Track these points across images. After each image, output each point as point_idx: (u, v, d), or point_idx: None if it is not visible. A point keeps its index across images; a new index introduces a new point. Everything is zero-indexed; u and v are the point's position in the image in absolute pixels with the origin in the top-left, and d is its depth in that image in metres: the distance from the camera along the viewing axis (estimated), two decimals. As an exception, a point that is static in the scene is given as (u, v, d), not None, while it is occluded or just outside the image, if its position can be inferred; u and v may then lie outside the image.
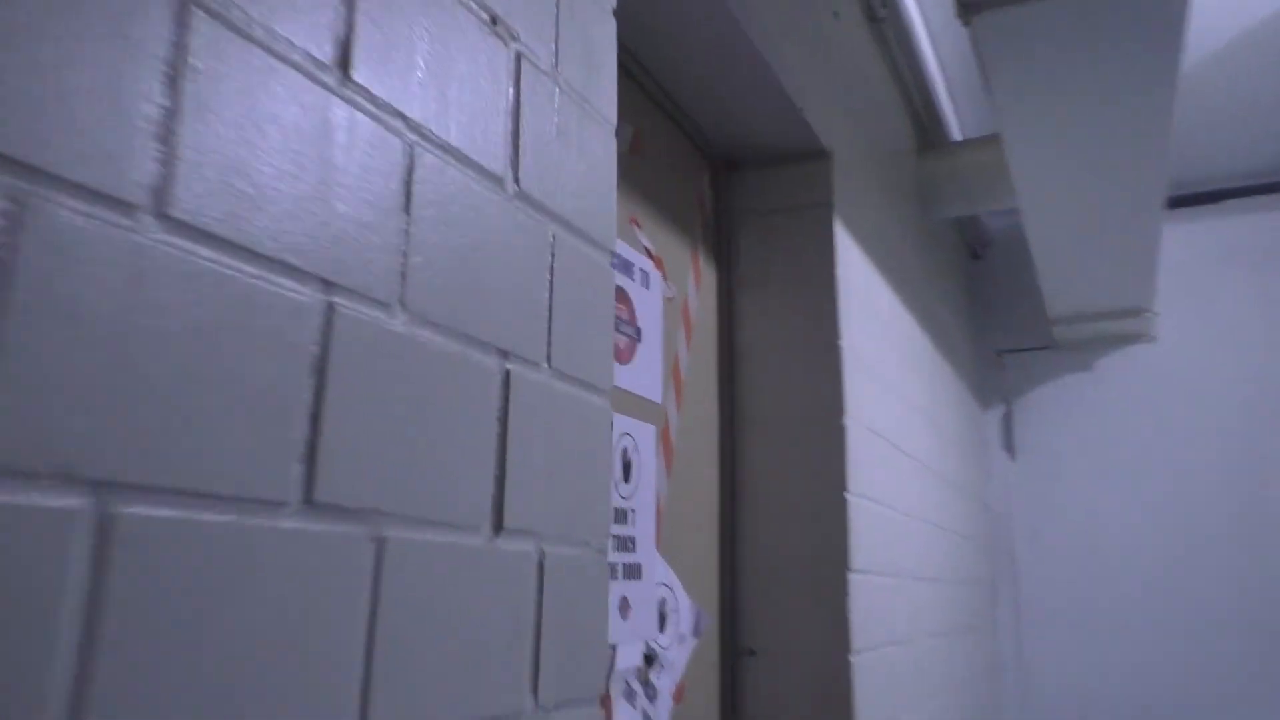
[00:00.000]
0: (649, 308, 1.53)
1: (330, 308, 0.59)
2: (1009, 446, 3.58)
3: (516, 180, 0.80)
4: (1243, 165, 3.35)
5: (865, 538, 1.77)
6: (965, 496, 3.07)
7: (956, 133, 2.91)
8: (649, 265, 1.55)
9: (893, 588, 1.97)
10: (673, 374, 1.61)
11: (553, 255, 0.84)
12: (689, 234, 1.73)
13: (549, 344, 0.82)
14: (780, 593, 1.70)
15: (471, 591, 0.69)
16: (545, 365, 0.81)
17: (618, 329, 1.42)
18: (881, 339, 2.09)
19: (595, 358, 0.89)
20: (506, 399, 0.76)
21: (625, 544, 1.37)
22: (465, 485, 0.69)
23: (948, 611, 2.58)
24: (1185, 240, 3.47)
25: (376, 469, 0.61)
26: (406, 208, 0.67)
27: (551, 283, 0.83)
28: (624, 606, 1.35)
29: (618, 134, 1.48)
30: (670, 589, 1.52)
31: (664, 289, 1.60)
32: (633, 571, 1.39)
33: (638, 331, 1.48)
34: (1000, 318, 3.72)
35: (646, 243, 1.56)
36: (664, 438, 1.54)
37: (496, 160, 0.78)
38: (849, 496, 1.69)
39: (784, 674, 1.67)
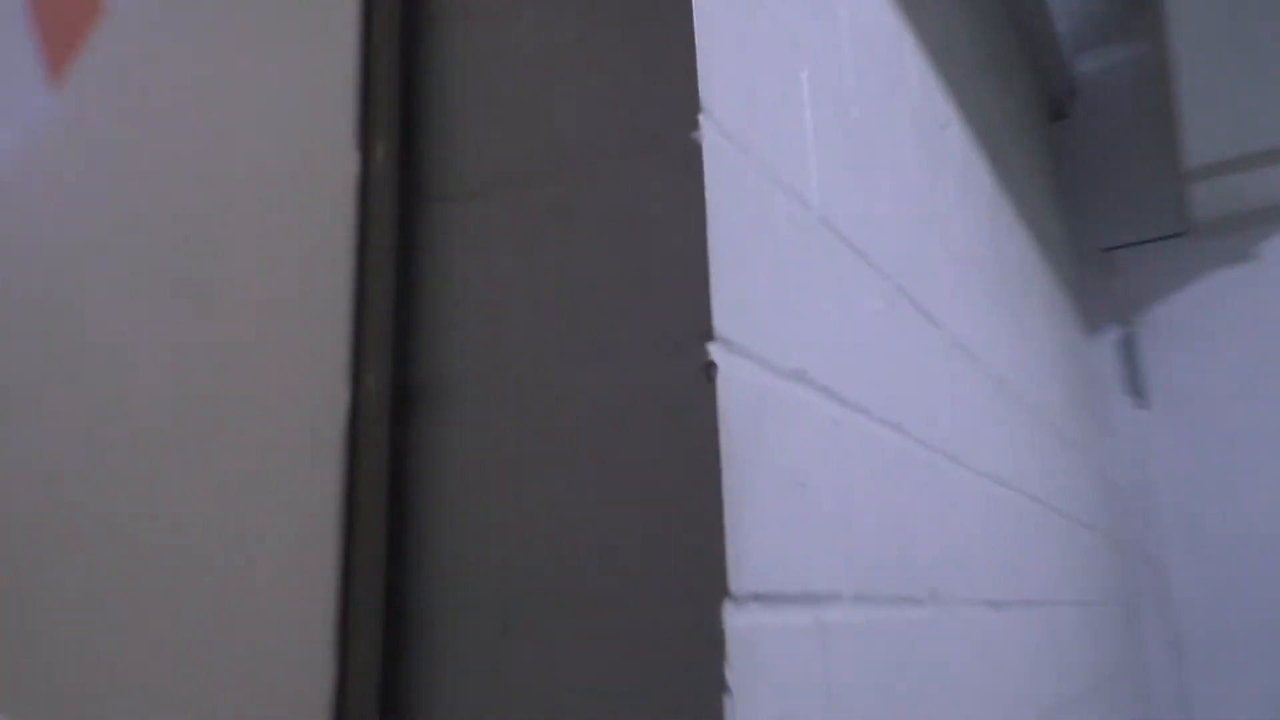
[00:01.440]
0: None
1: None
2: (1137, 388, 2.31)
3: None
4: None
5: (795, 477, 0.59)
6: (1073, 454, 1.83)
7: None
8: None
9: (894, 642, 0.77)
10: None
11: None
12: None
13: None
14: (520, 668, 0.53)
15: None
16: None
17: None
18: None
19: None
20: None
21: None
22: None
23: (1059, 663, 1.35)
24: None
25: None
26: None
27: None
28: None
29: None
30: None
31: None
32: None
33: None
34: (1101, 203, 2.47)
35: None
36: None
37: None
38: (717, 353, 0.52)
39: None
